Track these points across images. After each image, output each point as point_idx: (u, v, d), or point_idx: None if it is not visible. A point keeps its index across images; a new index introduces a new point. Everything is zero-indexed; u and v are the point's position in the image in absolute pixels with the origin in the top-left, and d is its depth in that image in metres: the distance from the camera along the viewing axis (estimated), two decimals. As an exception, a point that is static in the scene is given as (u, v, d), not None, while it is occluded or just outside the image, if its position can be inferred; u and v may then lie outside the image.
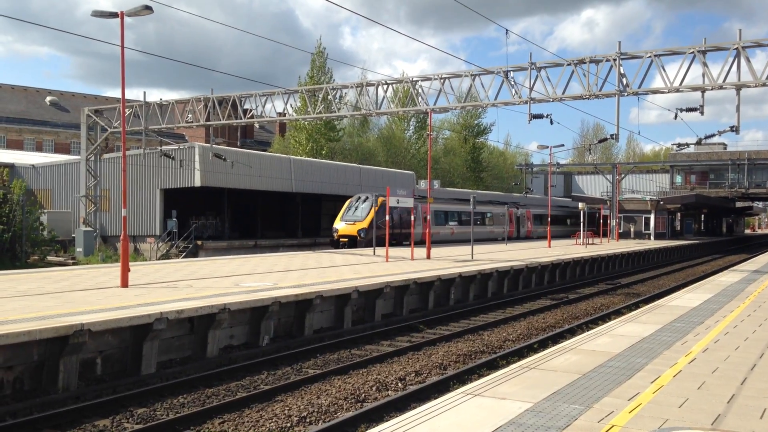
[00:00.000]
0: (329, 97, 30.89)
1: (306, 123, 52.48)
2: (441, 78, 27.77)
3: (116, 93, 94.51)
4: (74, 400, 9.98)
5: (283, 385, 10.79)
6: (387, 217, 26.56)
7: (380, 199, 34.51)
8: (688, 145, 41.95)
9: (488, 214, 47.53)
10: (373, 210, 34.76)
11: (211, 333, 12.74)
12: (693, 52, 23.73)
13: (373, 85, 29.26)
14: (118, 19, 15.85)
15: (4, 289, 14.51)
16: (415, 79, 28.92)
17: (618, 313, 19.52)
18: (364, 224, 34.28)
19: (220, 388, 10.78)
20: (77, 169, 38.82)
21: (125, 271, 15.24)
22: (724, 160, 72.58)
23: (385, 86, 29.12)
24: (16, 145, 60.62)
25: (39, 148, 62.24)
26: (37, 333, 9.73)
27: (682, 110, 26.76)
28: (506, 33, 25.45)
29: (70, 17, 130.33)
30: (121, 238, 15.86)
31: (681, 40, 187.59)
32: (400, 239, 36.26)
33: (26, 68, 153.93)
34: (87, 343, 10.47)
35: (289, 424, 8.96)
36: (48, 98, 66.92)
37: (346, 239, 34.74)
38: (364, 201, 35.70)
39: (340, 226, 35.38)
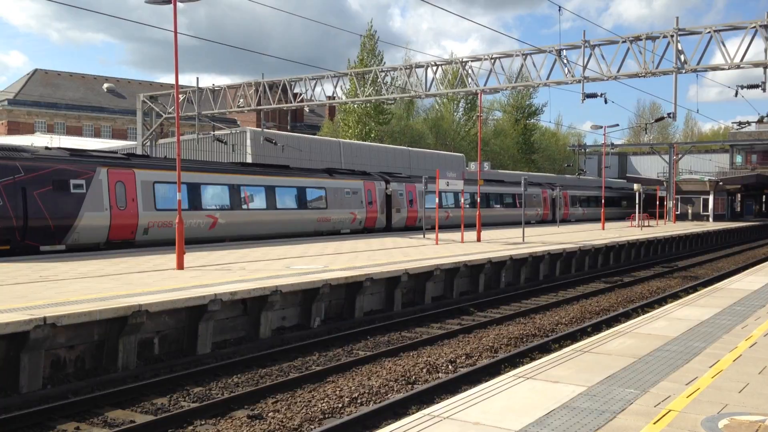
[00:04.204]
0: (378, 80, 30.82)
1: (355, 106, 52.54)
2: (491, 58, 27.39)
3: (169, 78, 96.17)
4: (133, 378, 10.28)
5: (334, 366, 10.89)
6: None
7: None
8: (749, 123, 40.66)
9: (309, 193, 28.64)
10: None
11: (263, 314, 12.94)
12: (755, 27, 22.82)
13: (422, 66, 29.06)
14: (171, 5, 16.07)
15: (66, 270, 15.00)
16: (464, 59, 28.60)
17: (675, 296, 19.08)
18: None
19: (273, 369, 10.94)
20: (133, 155, 39.73)
21: (180, 253, 15.56)
22: (788, 138, 69.89)
23: (434, 67, 28.89)
24: (76, 131, 62.48)
25: (97, 134, 64.01)
26: (97, 314, 10.03)
27: (743, 87, 25.93)
28: (559, 10, 24.86)
29: (122, 4, 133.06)
30: (176, 221, 16.18)
31: (744, 14, 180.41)
32: (43, 238, 19.23)
33: (82, 55, 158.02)
34: (145, 323, 10.75)
35: (340, 405, 9.04)
36: (105, 85, 68.59)
37: None
38: None
39: None
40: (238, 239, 24.84)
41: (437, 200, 26.53)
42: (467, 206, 36.79)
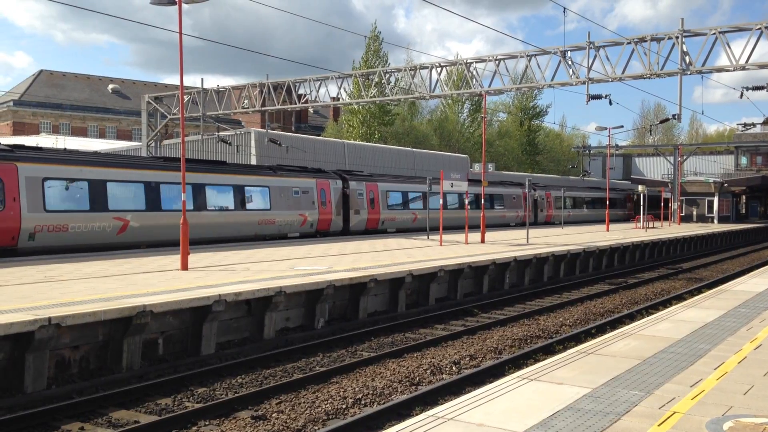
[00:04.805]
0: (382, 81, 30.80)
1: (360, 107, 52.57)
2: (496, 59, 27.38)
3: (173, 79, 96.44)
4: (137, 379, 10.30)
5: (338, 367, 10.90)
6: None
7: None
8: (754, 124, 40.58)
9: (248, 192, 25.54)
10: None
11: (267, 315, 12.95)
12: (760, 28, 22.78)
13: (426, 67, 29.05)
14: (176, 6, 16.09)
15: (71, 271, 15.03)
16: (469, 61, 28.60)
17: (680, 298, 19.03)
18: None
19: (277, 369, 10.95)
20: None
21: (185, 254, 15.58)
22: (793, 140, 69.70)
23: (438, 69, 28.88)
24: (81, 132, 62.68)
25: (102, 134, 64.17)
26: (102, 314, 10.05)
27: (748, 89, 25.88)
28: (564, 11, 24.87)
29: (127, 4, 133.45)
30: (181, 222, 16.20)
31: (749, 15, 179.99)
32: None
33: (86, 56, 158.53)
34: (149, 323, 10.77)
35: (344, 406, 9.04)
36: (110, 86, 68.78)
37: None
38: None
39: None
40: (157, 245, 21.47)
41: (441, 201, 26.59)
42: (445, 207, 33.45)
